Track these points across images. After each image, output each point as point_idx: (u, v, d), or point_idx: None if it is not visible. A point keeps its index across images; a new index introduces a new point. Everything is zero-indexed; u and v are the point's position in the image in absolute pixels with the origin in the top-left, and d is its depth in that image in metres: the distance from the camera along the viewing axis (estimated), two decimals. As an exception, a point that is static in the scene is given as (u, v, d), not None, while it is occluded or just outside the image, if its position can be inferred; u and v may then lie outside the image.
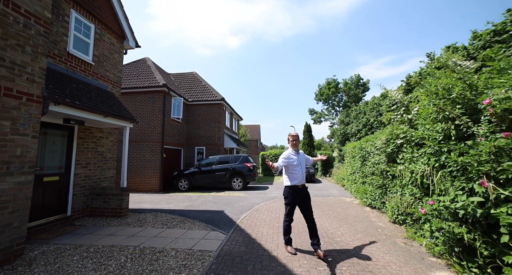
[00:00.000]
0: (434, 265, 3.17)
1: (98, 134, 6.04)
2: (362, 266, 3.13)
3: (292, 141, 3.73)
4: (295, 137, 3.74)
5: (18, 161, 3.26)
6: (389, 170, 5.24)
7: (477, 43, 10.47)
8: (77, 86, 5.00)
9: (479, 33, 10.78)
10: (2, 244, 3.04)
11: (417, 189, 4.05)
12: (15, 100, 3.24)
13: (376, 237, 4.29)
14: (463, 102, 3.07)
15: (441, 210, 2.97)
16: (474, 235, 2.64)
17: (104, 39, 6.33)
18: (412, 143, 4.19)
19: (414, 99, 4.93)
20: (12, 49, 3.21)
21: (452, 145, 3.07)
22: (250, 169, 11.12)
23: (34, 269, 2.99)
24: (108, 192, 5.66)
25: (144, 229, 4.75)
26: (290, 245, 3.66)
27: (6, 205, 3.09)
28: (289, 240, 3.68)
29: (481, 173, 2.49)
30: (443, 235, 3.11)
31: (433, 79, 3.71)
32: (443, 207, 2.93)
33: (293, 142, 3.73)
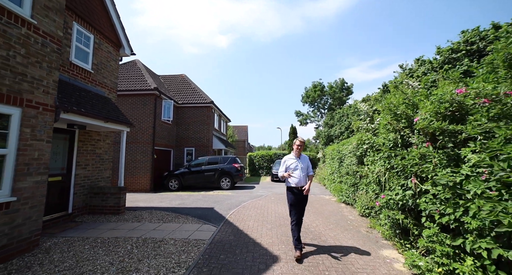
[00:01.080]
0: (384, 245, 4.00)
1: (96, 138, 6.48)
2: (328, 248, 3.90)
3: (297, 145, 3.84)
4: (301, 143, 3.85)
5: (35, 163, 3.75)
6: (358, 170, 6.11)
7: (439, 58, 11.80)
8: (80, 94, 5.45)
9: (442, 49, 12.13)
10: (24, 235, 3.52)
11: (377, 186, 4.90)
12: (34, 110, 3.72)
13: (344, 228, 5.10)
14: (406, 117, 3.91)
15: (389, 202, 3.80)
16: (409, 220, 3.47)
17: (102, 48, 6.76)
18: (374, 148, 5.04)
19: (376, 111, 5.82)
20: (33, 66, 3.69)
21: (398, 151, 3.90)
22: (238, 169, 11.77)
23: (53, 255, 3.50)
24: (107, 191, 6.13)
25: (142, 224, 5.29)
26: (297, 248, 3.56)
27: (26, 201, 3.58)
28: (296, 242, 3.60)
29: (412, 172, 3.32)
30: (390, 221, 3.95)
31: (388, 97, 4.55)
32: (390, 199, 3.76)
33: (298, 146, 3.83)
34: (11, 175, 3.39)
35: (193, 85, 16.85)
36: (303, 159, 3.88)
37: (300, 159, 3.84)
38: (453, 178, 2.51)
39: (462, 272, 2.34)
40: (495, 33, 8.54)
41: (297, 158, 3.85)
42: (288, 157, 3.94)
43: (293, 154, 3.91)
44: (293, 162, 3.82)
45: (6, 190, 3.32)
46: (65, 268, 3.10)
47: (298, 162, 3.80)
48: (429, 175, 2.98)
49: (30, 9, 3.67)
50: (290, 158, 3.91)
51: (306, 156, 3.96)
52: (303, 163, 3.82)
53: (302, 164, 3.79)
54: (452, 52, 10.52)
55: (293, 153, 3.90)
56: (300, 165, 3.77)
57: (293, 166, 3.79)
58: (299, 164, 3.78)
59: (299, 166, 3.76)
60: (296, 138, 4.00)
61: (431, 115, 3.07)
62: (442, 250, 2.61)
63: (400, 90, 4.47)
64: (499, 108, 2.26)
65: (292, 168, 3.78)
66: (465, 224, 2.28)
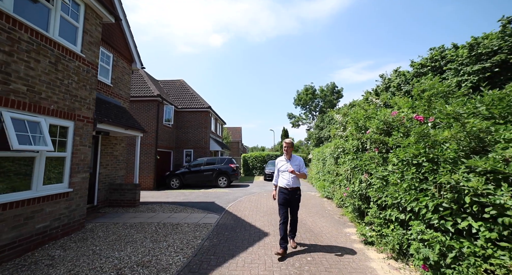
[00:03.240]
0: (348, 226, 5.30)
1: (114, 142, 7.57)
2: (305, 227, 5.17)
3: (284, 147, 3.92)
4: (288, 144, 3.89)
5: (82, 163, 4.86)
6: (335, 169, 7.42)
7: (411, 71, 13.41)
8: (105, 106, 6.55)
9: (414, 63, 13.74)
10: (76, 217, 4.64)
11: (347, 182, 6.21)
12: (81, 122, 4.84)
13: (322, 215, 6.38)
14: (364, 129, 5.22)
15: (352, 193, 5.10)
16: (364, 205, 4.77)
17: (119, 64, 7.86)
18: (344, 151, 6.35)
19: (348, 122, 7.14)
20: (81, 89, 4.81)
21: (359, 154, 5.21)
22: (233, 169, 12.97)
23: (98, 233, 4.63)
24: (124, 187, 7.23)
25: (157, 214, 6.42)
26: (281, 247, 3.63)
27: (77, 192, 4.69)
28: (281, 241, 3.68)
29: (365, 170, 4.62)
30: (352, 207, 5.26)
31: (353, 112, 5.85)
32: (352, 191, 5.06)
33: (285, 148, 3.90)
34: (68, 172, 4.51)
35: (191, 91, 17.94)
36: (294, 160, 3.91)
37: (290, 160, 3.90)
38: (382, 173, 3.81)
39: (386, 233, 3.63)
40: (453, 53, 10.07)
41: (287, 160, 3.93)
42: (280, 159, 4.05)
43: (284, 156, 4.00)
44: (284, 164, 3.91)
45: (66, 183, 4.44)
46: (112, 240, 4.25)
47: (288, 163, 3.86)
48: (373, 171, 4.28)
49: (80, 45, 4.80)
50: (281, 160, 4.02)
51: (298, 157, 3.97)
52: (293, 164, 3.84)
53: (292, 165, 3.81)
54: (421, 66, 12.09)
55: (284, 155, 4.01)
56: (290, 167, 3.79)
57: (283, 168, 3.89)
58: (289, 165, 3.83)
59: (288, 167, 3.80)
60: (283, 141, 4.11)
61: (375, 129, 4.38)
62: (377, 221, 3.90)
63: (362, 107, 5.78)
64: (404, 127, 3.57)
65: (282, 170, 3.89)
66: (386, 202, 3.58)
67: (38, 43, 3.81)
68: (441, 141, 2.69)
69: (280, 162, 4.03)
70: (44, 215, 3.91)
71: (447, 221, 2.31)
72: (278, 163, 4.05)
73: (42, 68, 3.89)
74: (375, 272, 3.11)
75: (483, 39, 8.32)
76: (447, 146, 2.68)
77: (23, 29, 3.54)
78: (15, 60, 3.42)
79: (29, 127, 3.61)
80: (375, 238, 3.97)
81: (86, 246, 3.93)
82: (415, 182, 2.87)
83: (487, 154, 2.27)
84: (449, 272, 2.16)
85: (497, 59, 7.37)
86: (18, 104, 3.47)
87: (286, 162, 3.93)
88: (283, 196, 3.83)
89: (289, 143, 3.92)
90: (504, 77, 7.44)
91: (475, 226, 2.03)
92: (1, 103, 3.23)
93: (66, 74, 4.41)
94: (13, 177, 3.53)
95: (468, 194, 2.11)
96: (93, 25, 5.20)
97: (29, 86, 3.66)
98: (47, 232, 3.97)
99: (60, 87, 4.28)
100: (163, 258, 3.50)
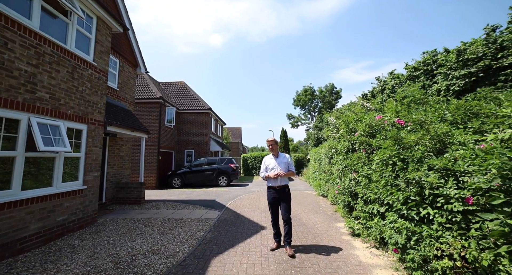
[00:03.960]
0: (340, 221, 5.74)
1: (120, 143, 8.00)
2: (300, 222, 5.61)
3: (269, 146, 3.90)
4: (270, 142, 3.89)
5: (94, 163, 5.30)
6: (329, 168, 7.86)
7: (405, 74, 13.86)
8: (113, 109, 6.99)
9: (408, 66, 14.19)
10: (89, 212, 5.08)
11: (339, 180, 6.65)
12: (93, 125, 5.27)
13: (316, 212, 6.82)
14: (355, 131, 5.65)
15: (342, 190, 5.53)
16: (353, 201, 5.21)
17: (125, 70, 8.30)
18: (337, 152, 6.79)
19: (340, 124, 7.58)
20: (93, 94, 5.25)
21: (349, 154, 5.65)
22: (233, 169, 13.40)
23: (109, 227, 5.07)
24: (130, 186, 7.67)
25: (162, 210, 6.86)
26: (275, 241, 3.91)
27: (90, 189, 5.13)
28: (274, 236, 3.93)
29: (353, 169, 5.05)
30: (342, 203, 5.70)
31: (344, 116, 6.28)
32: (343, 188, 5.50)
33: (269, 147, 3.89)
34: (82, 171, 4.95)
35: (192, 93, 18.38)
36: (282, 158, 3.90)
37: (278, 158, 3.89)
38: (367, 172, 4.25)
39: (370, 225, 4.07)
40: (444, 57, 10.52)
41: (275, 157, 3.92)
42: (268, 157, 4.00)
43: (271, 154, 4.00)
44: (271, 162, 3.89)
45: (80, 181, 4.88)
46: (123, 232, 4.69)
47: (276, 162, 3.85)
48: (360, 170, 4.72)
49: (93, 55, 5.24)
50: (269, 158, 3.98)
51: (285, 155, 3.97)
52: (281, 162, 3.84)
53: (280, 164, 3.82)
54: (414, 70, 12.54)
55: (271, 153, 4.00)
56: (277, 165, 3.82)
57: (271, 166, 3.87)
58: (277, 163, 3.83)
59: (276, 165, 3.81)
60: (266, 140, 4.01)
61: (362, 132, 4.82)
62: (363, 215, 4.34)
63: (352, 111, 6.22)
64: (384, 131, 4.01)
65: (270, 168, 3.86)
66: (370, 197, 4.02)
67: (58, 55, 4.25)
68: (411, 143, 3.13)
69: (269, 159, 3.95)
70: (63, 209, 4.35)
71: (412, 211, 2.75)
72: (266, 161, 3.97)
73: (61, 77, 4.33)
74: (357, 258, 3.55)
75: (469, 45, 8.77)
76: (418, 148, 3.13)
77: (46, 44, 3.98)
78: (40, 71, 3.86)
79: (51, 131, 4.05)
80: (361, 230, 4.40)
81: (100, 237, 4.37)
82: (390, 179, 3.31)
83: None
84: (412, 251, 2.60)
85: (481, 64, 7.82)
86: (42, 111, 3.91)
87: (275, 159, 3.89)
88: (272, 195, 3.82)
89: (272, 141, 3.89)
90: (488, 82, 7.88)
91: (432, 213, 2.47)
92: (30, 110, 3.67)
93: (80, 82, 4.85)
94: (38, 175, 3.97)
95: (427, 187, 2.55)
96: (104, 35, 5.65)
97: (51, 94, 4.10)
98: (65, 224, 4.40)
99: (76, 94, 4.72)
100: (171, 247, 3.94)
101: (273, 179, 3.76)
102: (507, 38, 7.42)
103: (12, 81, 3.39)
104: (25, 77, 3.61)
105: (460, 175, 2.32)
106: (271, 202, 3.87)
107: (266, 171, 3.93)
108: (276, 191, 3.80)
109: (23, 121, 3.60)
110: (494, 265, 1.77)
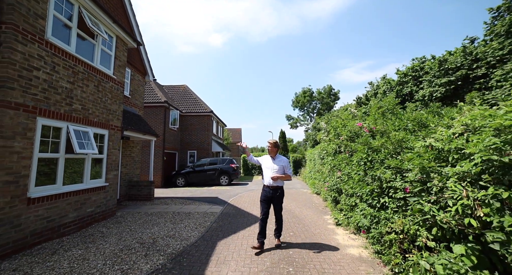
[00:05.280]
0: (327, 214, 6.53)
1: (131, 145, 8.80)
2: (293, 215, 6.41)
3: (268, 148, 4.00)
4: (270, 144, 3.96)
5: (113, 163, 6.09)
6: (321, 168, 8.66)
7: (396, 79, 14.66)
8: (126, 115, 7.79)
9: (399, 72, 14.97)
10: (110, 206, 5.87)
11: (328, 178, 7.44)
12: (113, 130, 6.07)
13: (309, 207, 7.61)
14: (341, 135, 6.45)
15: (330, 187, 6.33)
16: (339, 196, 6.00)
17: (135, 78, 9.11)
18: (328, 153, 7.59)
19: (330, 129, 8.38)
20: (113, 103, 6.05)
21: (336, 156, 6.44)
22: (234, 169, 14.20)
23: (127, 218, 5.86)
24: (141, 184, 8.46)
25: (170, 206, 7.65)
26: (258, 241, 3.84)
27: (111, 186, 5.92)
28: (259, 236, 3.86)
29: (339, 169, 5.85)
30: (330, 198, 6.50)
31: (332, 121, 7.08)
32: (331, 185, 6.30)
33: (268, 148, 3.99)
34: (105, 170, 5.74)
35: (194, 96, 19.19)
36: (279, 160, 3.95)
37: (275, 160, 3.95)
38: (348, 170, 5.04)
39: (350, 215, 4.85)
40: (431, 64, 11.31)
41: (272, 158, 3.97)
42: (265, 156, 4.09)
43: (269, 155, 4.06)
44: (267, 161, 3.98)
45: (103, 179, 5.67)
46: (141, 223, 5.48)
47: (273, 163, 3.91)
48: (343, 169, 5.52)
49: (113, 69, 6.04)
50: (266, 157, 4.05)
51: (284, 158, 4.00)
52: (277, 164, 3.88)
53: (275, 165, 3.87)
54: (404, 76, 13.34)
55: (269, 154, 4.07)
56: (272, 165, 3.88)
57: (265, 165, 3.98)
58: (272, 164, 3.89)
59: (271, 165, 3.89)
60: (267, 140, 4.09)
61: (345, 137, 5.62)
62: (345, 207, 5.13)
63: (340, 118, 7.02)
64: (360, 136, 4.81)
65: (266, 166, 3.95)
66: (349, 192, 4.81)
67: (88, 72, 5.06)
68: (377, 147, 3.93)
69: (266, 159, 4.03)
70: (91, 202, 5.15)
71: (375, 200, 3.55)
72: (263, 159, 4.07)
73: (90, 90, 5.13)
74: (337, 241, 4.34)
75: (449, 56, 9.59)
76: (383, 151, 3.92)
77: (80, 63, 4.78)
78: (75, 87, 4.67)
79: (82, 136, 4.85)
80: (343, 220, 5.20)
81: (122, 226, 5.17)
82: (362, 176, 4.11)
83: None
84: (373, 231, 3.39)
85: (459, 74, 8.63)
86: (76, 119, 4.71)
87: (271, 160, 3.94)
88: (264, 193, 3.91)
89: (272, 143, 3.97)
90: (466, 89, 8.69)
91: (387, 201, 3.26)
92: (68, 119, 4.47)
93: (103, 93, 5.65)
94: (72, 173, 4.76)
95: (384, 182, 3.34)
96: (121, 51, 6.45)
97: (82, 105, 4.90)
98: (93, 215, 5.20)
99: (100, 104, 5.52)
100: (184, 233, 4.73)
101: (268, 178, 3.86)
102: (480, 51, 8.20)
103: (57, 97, 4.19)
104: (66, 93, 4.41)
105: (406, 172, 3.11)
106: (263, 200, 3.93)
107: (260, 164, 4.13)
108: (269, 190, 3.87)
109: (63, 129, 4.40)
110: (418, 233, 2.56)
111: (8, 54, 3.27)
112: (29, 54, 3.61)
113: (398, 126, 4.21)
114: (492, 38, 8.16)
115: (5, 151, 3.24)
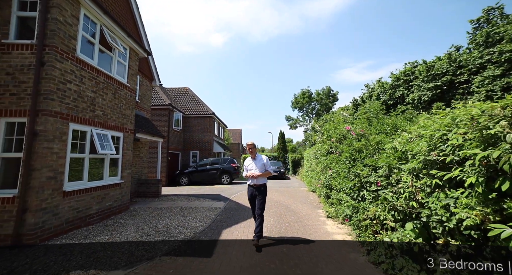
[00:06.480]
0: (320, 208, 7.19)
1: (140, 146, 9.46)
2: (289, 209, 7.07)
3: (248, 149, 4.29)
4: (250, 146, 4.25)
5: (127, 162, 6.75)
6: (316, 167, 9.32)
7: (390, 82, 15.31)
8: (137, 118, 8.44)
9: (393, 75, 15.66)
10: (124, 201, 6.53)
11: (322, 177, 8.10)
12: (127, 133, 6.73)
13: (304, 203, 8.27)
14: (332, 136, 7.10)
15: (323, 183, 6.99)
16: (330, 192, 6.65)
17: (143, 84, 9.77)
18: (321, 153, 8.24)
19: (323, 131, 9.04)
20: (127, 109, 6.71)
21: (328, 156, 7.09)
22: (235, 168, 14.86)
23: (140, 212, 6.52)
24: (149, 182, 9.12)
25: (177, 202, 8.31)
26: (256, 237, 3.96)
27: (125, 183, 6.58)
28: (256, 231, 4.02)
29: (330, 167, 6.50)
30: (323, 193, 7.15)
31: (326, 125, 7.73)
32: (324, 182, 6.95)
33: (249, 150, 4.28)
34: (120, 169, 6.40)
35: (196, 98, 19.86)
36: (259, 160, 4.22)
37: (255, 160, 4.23)
38: (337, 169, 5.69)
39: (339, 208, 5.50)
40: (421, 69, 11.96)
41: (253, 160, 4.26)
42: (247, 159, 4.40)
43: (250, 157, 4.35)
44: (250, 164, 4.29)
45: (119, 176, 6.34)
46: (153, 216, 6.14)
47: (253, 163, 4.22)
48: (333, 168, 6.17)
49: (127, 78, 6.71)
50: (248, 160, 4.37)
51: (262, 157, 4.28)
52: (258, 163, 4.18)
53: (256, 165, 4.17)
54: (397, 79, 14.01)
55: (250, 156, 4.36)
56: (254, 165, 4.19)
57: (249, 167, 4.26)
58: (254, 165, 4.20)
59: (253, 166, 4.18)
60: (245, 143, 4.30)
61: (335, 139, 6.28)
62: (335, 202, 5.79)
63: (331, 120, 7.67)
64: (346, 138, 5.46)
65: (249, 169, 4.24)
66: (337, 187, 5.47)
67: (107, 82, 5.72)
68: (359, 148, 4.58)
69: (248, 161, 4.36)
70: (109, 196, 5.81)
71: (355, 193, 4.21)
72: (246, 162, 4.39)
73: (109, 98, 5.80)
74: (326, 230, 5.00)
75: (439, 60, 10.25)
76: (365, 151, 4.58)
77: (101, 75, 5.45)
78: (97, 95, 5.33)
79: (103, 138, 5.51)
80: (333, 213, 5.86)
81: (137, 218, 5.83)
82: (346, 173, 4.77)
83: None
84: (354, 219, 4.05)
85: (445, 79, 9.29)
86: (98, 124, 5.37)
87: (252, 161, 4.25)
88: (250, 192, 4.23)
89: (251, 145, 4.24)
90: (451, 94, 9.35)
91: (366, 194, 3.92)
92: (92, 124, 5.14)
93: (119, 100, 6.32)
94: (94, 171, 5.42)
95: (362, 177, 4.00)
96: (134, 61, 7.12)
97: (102, 111, 5.56)
98: (111, 208, 5.86)
99: (116, 110, 6.19)
100: (192, 223, 5.39)
101: (250, 178, 4.14)
102: (463, 59, 8.85)
103: (83, 105, 4.86)
104: (90, 101, 5.08)
105: (379, 169, 3.77)
106: (250, 198, 4.26)
107: (247, 171, 4.31)
108: (253, 189, 4.14)
109: (88, 132, 5.06)
110: (384, 218, 3.22)
111: (50, 71, 3.94)
112: (64, 70, 4.28)
113: (379, 130, 4.86)
114: (473, 47, 8.82)
115: (48, 152, 3.91)
